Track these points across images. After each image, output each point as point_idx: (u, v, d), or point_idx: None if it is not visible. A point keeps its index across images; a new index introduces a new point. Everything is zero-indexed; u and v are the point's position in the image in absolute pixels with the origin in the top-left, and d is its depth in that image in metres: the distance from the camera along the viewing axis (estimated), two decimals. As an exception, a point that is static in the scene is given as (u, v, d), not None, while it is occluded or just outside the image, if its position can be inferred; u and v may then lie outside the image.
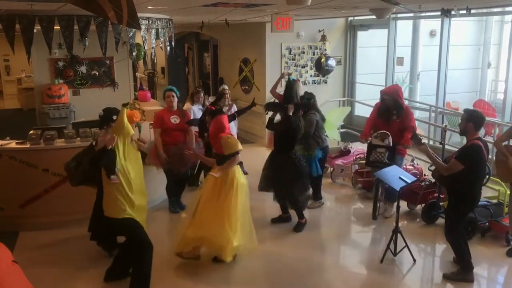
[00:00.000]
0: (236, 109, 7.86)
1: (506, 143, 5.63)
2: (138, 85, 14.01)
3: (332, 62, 10.08)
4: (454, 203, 5.03)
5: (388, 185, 6.57)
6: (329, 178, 8.21)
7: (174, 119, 6.64)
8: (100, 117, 5.25)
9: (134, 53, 7.07)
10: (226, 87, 8.06)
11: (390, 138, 6.37)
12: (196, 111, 7.55)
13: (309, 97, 6.82)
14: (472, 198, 4.95)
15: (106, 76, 10.86)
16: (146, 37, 7.12)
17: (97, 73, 10.71)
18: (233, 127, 7.38)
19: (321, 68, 9.98)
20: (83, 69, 10.58)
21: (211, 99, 8.26)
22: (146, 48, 8.62)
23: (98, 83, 10.80)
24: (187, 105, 7.65)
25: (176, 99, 6.72)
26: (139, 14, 5.90)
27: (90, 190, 6.42)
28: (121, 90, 10.94)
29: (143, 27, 6.71)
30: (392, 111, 6.51)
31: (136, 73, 15.83)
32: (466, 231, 5.21)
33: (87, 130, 6.62)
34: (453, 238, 5.04)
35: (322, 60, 9.89)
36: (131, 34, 6.73)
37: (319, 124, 6.81)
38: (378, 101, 6.82)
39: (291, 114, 6.07)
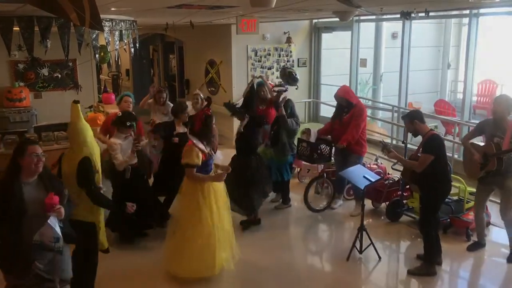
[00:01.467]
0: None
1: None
2: (102, 87, 13.77)
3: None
4: (427, 196, 5.17)
5: (337, 178, 6.88)
6: (296, 178, 8.28)
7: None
8: (117, 117, 5.63)
9: (97, 55, 6.95)
10: (198, 91, 7.92)
11: (312, 135, 6.85)
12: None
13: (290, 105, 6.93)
14: (444, 187, 5.13)
15: (69, 78, 10.61)
16: (110, 39, 7.00)
17: (59, 76, 10.45)
18: None
19: (294, 80, 9.59)
20: (45, 71, 10.30)
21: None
22: (109, 50, 8.47)
23: (61, 86, 10.54)
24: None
25: (131, 105, 6.67)
26: (102, 16, 5.79)
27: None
28: (84, 92, 10.71)
29: (106, 28, 6.61)
30: (343, 110, 6.75)
31: (100, 75, 15.55)
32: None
33: (49, 134, 6.50)
34: (427, 230, 5.19)
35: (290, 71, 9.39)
36: (94, 36, 6.62)
37: (295, 132, 6.96)
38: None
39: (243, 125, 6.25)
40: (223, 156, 6.20)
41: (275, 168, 6.81)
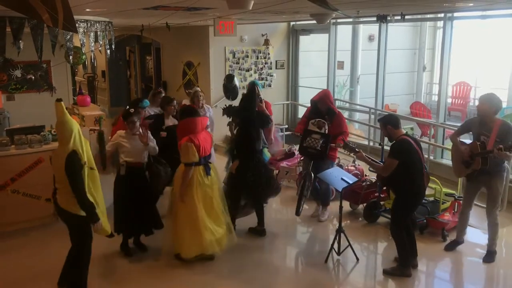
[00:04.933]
0: (212, 113, 7.40)
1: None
2: (77, 89, 13.56)
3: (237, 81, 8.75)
4: (398, 199, 5.20)
5: (321, 187, 6.70)
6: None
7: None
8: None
9: (70, 57, 6.82)
10: (198, 89, 7.75)
11: (327, 126, 6.37)
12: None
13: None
14: (415, 193, 5.10)
15: (43, 80, 10.42)
16: (84, 40, 6.88)
17: (33, 77, 10.26)
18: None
19: (232, 91, 8.73)
20: (17, 73, 10.09)
21: (186, 100, 7.92)
22: (84, 51, 8.33)
23: (34, 87, 10.34)
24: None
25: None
26: (77, 17, 5.70)
27: (25, 200, 6.19)
28: (59, 94, 10.49)
29: (81, 30, 6.50)
30: (323, 117, 6.49)
31: (76, 77, 15.32)
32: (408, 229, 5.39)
33: (22, 137, 6.33)
34: (397, 233, 5.21)
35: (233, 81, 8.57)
36: (68, 37, 6.50)
37: None
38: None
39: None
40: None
41: None
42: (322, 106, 6.52)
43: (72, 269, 4.70)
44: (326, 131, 6.36)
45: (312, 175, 6.50)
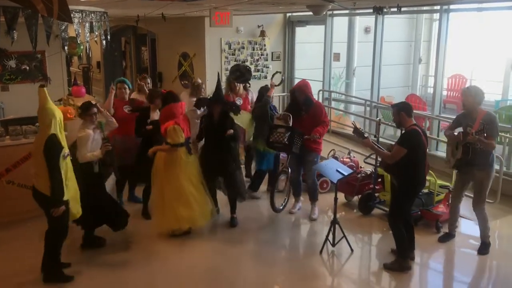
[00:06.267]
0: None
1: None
2: (72, 80, 13.48)
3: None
4: (400, 188, 5.21)
5: (306, 182, 6.63)
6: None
7: (127, 108, 6.62)
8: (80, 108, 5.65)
9: (65, 47, 6.79)
10: (200, 81, 7.68)
11: (291, 119, 6.31)
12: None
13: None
14: (417, 183, 5.15)
15: (38, 70, 10.37)
16: (80, 31, 6.84)
17: (27, 68, 10.20)
18: None
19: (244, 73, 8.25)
20: (12, 63, 10.03)
21: (186, 92, 7.91)
22: (80, 41, 8.30)
23: (29, 78, 10.29)
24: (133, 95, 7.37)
25: (128, 91, 6.80)
26: (72, 7, 5.66)
27: (20, 191, 6.18)
28: (54, 85, 10.48)
29: (76, 20, 6.44)
30: (301, 107, 6.36)
31: (71, 68, 15.23)
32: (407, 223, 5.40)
33: (17, 128, 6.32)
34: (395, 225, 5.23)
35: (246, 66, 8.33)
36: (63, 27, 6.45)
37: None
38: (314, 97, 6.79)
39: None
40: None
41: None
42: (300, 95, 6.36)
43: (46, 248, 4.82)
44: (291, 123, 6.28)
45: (289, 170, 6.49)
